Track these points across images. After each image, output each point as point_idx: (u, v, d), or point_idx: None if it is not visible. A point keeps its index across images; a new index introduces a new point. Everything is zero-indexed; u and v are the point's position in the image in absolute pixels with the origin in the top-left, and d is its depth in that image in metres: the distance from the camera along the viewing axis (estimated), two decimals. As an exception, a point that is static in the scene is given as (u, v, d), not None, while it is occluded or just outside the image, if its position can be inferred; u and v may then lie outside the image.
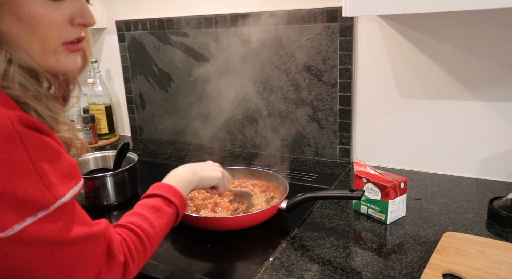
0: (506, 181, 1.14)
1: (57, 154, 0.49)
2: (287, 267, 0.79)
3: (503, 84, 1.08)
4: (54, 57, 0.54)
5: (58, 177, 0.48)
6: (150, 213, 0.67)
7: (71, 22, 0.54)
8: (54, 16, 0.52)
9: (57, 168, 0.48)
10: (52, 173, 0.47)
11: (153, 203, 0.69)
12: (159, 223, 0.66)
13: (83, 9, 0.55)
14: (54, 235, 0.47)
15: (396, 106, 1.23)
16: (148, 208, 0.68)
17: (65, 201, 0.48)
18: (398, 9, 0.87)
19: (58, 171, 0.48)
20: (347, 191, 0.90)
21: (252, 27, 1.36)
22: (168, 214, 0.69)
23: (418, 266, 0.77)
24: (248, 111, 1.47)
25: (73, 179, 0.51)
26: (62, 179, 0.48)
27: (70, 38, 0.55)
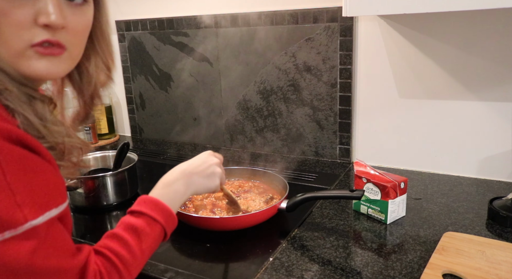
0: (506, 181, 1.14)
1: (39, 172, 0.45)
2: (287, 267, 0.79)
3: (503, 84, 1.08)
4: (25, 62, 0.49)
5: (34, 196, 0.44)
6: (131, 236, 0.60)
7: (36, 21, 0.48)
8: (14, 13, 0.46)
9: (35, 187, 0.45)
10: (27, 192, 0.43)
11: (136, 224, 0.62)
12: (140, 248, 0.60)
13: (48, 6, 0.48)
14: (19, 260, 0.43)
15: (396, 106, 1.23)
16: (130, 230, 0.61)
17: (37, 224, 0.44)
18: (398, 9, 0.87)
19: (36, 191, 0.45)
20: (347, 191, 0.90)
21: (252, 27, 1.36)
22: (152, 236, 0.62)
23: (418, 266, 0.77)
24: (248, 111, 1.47)
25: (53, 200, 0.47)
26: (39, 200, 0.45)
27: (36, 40, 0.48)
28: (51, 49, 0.50)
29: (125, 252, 0.58)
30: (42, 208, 0.45)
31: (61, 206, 0.48)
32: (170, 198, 0.69)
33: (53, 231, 0.47)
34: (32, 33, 0.48)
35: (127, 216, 0.65)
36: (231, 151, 1.53)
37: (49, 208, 0.46)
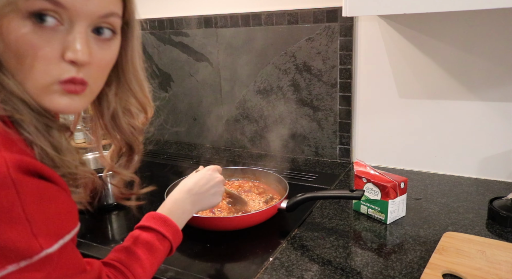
0: (506, 181, 1.14)
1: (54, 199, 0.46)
2: (287, 267, 0.78)
3: (503, 84, 1.08)
4: (48, 97, 0.48)
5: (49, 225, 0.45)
6: (142, 251, 0.63)
7: (63, 57, 0.47)
8: (43, 48, 0.46)
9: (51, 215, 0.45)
10: (43, 221, 0.44)
11: (146, 239, 0.64)
12: (150, 262, 0.63)
13: (76, 41, 0.47)
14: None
15: (396, 106, 1.23)
16: (141, 244, 0.64)
17: (52, 252, 0.44)
18: (398, 9, 0.87)
19: (51, 219, 0.45)
20: (347, 191, 0.90)
21: (252, 27, 1.36)
22: (161, 251, 0.66)
23: (418, 266, 0.77)
24: (248, 111, 1.47)
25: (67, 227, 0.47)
26: (53, 228, 0.45)
27: (63, 77, 0.47)
28: (74, 87, 0.49)
29: (138, 266, 0.61)
30: (56, 236, 0.45)
31: (73, 231, 0.48)
32: (178, 215, 0.72)
33: (66, 253, 0.47)
34: (60, 69, 0.47)
35: (136, 231, 0.67)
36: (231, 151, 1.53)
37: (63, 235, 0.46)
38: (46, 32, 0.46)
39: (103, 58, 0.52)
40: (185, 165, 1.40)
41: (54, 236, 0.45)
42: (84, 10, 0.47)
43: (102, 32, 0.51)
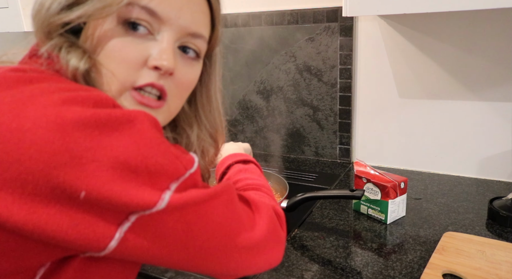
0: (506, 181, 1.14)
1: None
2: (287, 267, 0.78)
3: (503, 84, 1.08)
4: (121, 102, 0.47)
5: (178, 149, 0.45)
6: (242, 175, 0.69)
7: (146, 63, 0.47)
8: (127, 52, 0.46)
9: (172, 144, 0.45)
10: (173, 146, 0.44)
11: (235, 170, 0.71)
12: (255, 174, 0.70)
13: (162, 51, 0.47)
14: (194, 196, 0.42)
15: (396, 106, 1.23)
16: (235, 175, 0.70)
17: (192, 172, 0.43)
18: (398, 9, 0.87)
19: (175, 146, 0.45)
20: (347, 191, 0.90)
21: (252, 27, 1.36)
22: (253, 167, 0.73)
23: (418, 266, 0.77)
24: (248, 111, 1.47)
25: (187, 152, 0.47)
26: (182, 152, 0.45)
27: (140, 82, 0.47)
28: (149, 100, 0.48)
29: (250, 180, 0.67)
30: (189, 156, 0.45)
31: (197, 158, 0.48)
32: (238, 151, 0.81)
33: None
34: (138, 74, 0.47)
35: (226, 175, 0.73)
36: (231, 151, 1.53)
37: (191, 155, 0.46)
38: (136, 38, 0.47)
39: (186, 74, 0.52)
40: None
41: (189, 158, 0.44)
42: (177, 23, 0.48)
43: (188, 51, 0.51)
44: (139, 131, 0.39)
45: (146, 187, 0.38)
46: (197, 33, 0.51)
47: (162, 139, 0.41)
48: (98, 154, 0.36)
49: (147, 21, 0.47)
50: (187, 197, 0.41)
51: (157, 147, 0.40)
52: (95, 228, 0.37)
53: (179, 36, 0.49)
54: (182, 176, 0.42)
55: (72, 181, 0.35)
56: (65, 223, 0.36)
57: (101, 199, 0.36)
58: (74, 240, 0.37)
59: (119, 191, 0.37)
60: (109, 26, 0.46)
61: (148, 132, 0.40)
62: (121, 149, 0.37)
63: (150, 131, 0.40)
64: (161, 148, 0.40)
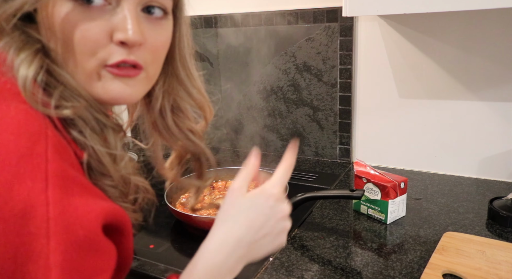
0: (506, 181, 1.14)
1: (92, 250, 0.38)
2: (287, 267, 0.78)
3: (503, 84, 1.08)
4: (98, 83, 0.44)
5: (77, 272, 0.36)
6: None
7: (111, 38, 0.43)
8: (89, 29, 0.42)
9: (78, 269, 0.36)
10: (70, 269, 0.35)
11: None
12: None
13: (125, 20, 0.43)
14: None
15: (396, 106, 1.23)
16: None
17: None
18: (398, 9, 0.87)
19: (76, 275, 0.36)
20: (347, 191, 0.90)
21: (252, 27, 1.36)
22: None
23: (418, 266, 0.77)
24: (248, 111, 1.47)
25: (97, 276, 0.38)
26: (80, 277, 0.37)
27: (111, 61, 0.43)
28: (127, 70, 0.45)
29: None
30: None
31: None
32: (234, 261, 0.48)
33: None
34: (107, 52, 0.43)
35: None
36: (231, 151, 1.53)
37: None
38: (92, 12, 0.42)
39: (157, 38, 0.47)
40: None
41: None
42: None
43: (153, 11, 0.46)
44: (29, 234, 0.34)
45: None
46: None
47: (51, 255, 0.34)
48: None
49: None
50: None
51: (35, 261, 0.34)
52: None
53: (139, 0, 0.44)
54: None
55: None
56: None
57: None
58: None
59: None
60: (61, 6, 0.41)
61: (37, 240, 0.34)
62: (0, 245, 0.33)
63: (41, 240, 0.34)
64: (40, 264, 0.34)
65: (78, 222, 0.36)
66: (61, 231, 0.35)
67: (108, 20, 0.43)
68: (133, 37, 0.43)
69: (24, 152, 0.35)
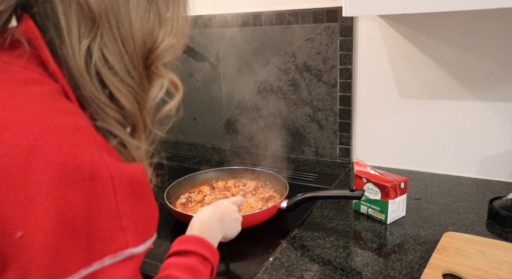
0: (506, 181, 1.14)
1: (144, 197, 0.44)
2: (287, 267, 0.78)
3: (503, 84, 1.08)
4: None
5: (137, 222, 0.42)
6: (189, 276, 0.57)
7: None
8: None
9: (139, 212, 0.43)
10: (132, 216, 0.42)
11: (189, 263, 0.59)
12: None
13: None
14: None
15: (396, 106, 1.23)
16: (185, 269, 0.58)
17: (136, 253, 0.42)
18: (398, 9, 0.87)
19: (140, 216, 0.43)
20: (347, 191, 0.90)
21: (252, 27, 1.36)
22: (206, 275, 0.60)
23: (418, 266, 0.77)
24: (248, 111, 1.47)
25: (151, 230, 0.45)
26: (140, 226, 0.43)
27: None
28: None
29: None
30: (142, 236, 0.43)
31: (153, 237, 0.46)
32: (210, 235, 0.67)
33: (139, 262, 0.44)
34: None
35: (174, 257, 0.61)
36: (231, 151, 1.53)
37: (148, 237, 0.44)
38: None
39: None
40: (185, 165, 1.40)
41: (141, 236, 0.43)
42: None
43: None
44: (97, 193, 0.39)
45: (79, 250, 0.38)
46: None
47: (119, 206, 0.40)
48: (49, 202, 0.37)
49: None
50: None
51: (106, 213, 0.39)
52: (3, 275, 0.37)
53: None
54: (120, 252, 0.40)
55: (16, 218, 0.36)
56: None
57: (30, 247, 0.36)
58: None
59: (49, 246, 0.37)
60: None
61: (105, 197, 0.39)
62: (71, 205, 0.37)
63: (108, 197, 0.39)
64: (110, 215, 0.40)
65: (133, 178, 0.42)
66: (123, 187, 0.41)
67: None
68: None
69: (75, 126, 0.40)
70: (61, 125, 0.39)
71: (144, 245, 0.43)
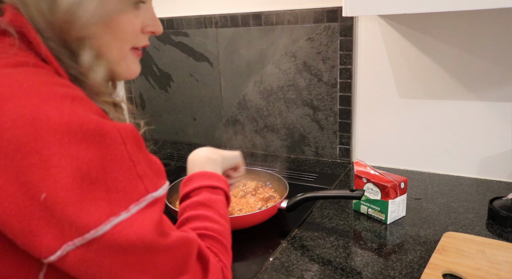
0: (506, 181, 1.14)
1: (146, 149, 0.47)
2: (287, 267, 0.78)
3: (503, 84, 1.08)
4: (124, 63, 0.55)
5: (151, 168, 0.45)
6: (205, 210, 0.61)
7: (142, 29, 0.56)
8: (135, 23, 0.54)
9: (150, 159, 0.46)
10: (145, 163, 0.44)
11: (201, 199, 0.63)
12: (219, 214, 0.62)
13: (154, 17, 0.58)
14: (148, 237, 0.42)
15: (396, 106, 1.23)
16: (199, 206, 0.62)
17: (157, 197, 0.44)
18: (398, 9, 0.87)
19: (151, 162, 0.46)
20: (347, 191, 0.90)
21: (252, 27, 1.36)
22: (221, 201, 0.64)
23: (418, 266, 0.77)
24: (248, 111, 1.47)
25: (162, 176, 0.48)
26: (154, 171, 0.46)
27: (140, 44, 0.57)
28: (141, 52, 0.58)
29: (213, 224, 0.60)
30: (158, 182, 0.46)
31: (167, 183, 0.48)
32: (210, 166, 0.70)
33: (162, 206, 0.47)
34: (137, 39, 0.55)
35: (185, 201, 0.64)
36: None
37: (163, 182, 0.47)
38: (136, 11, 0.54)
39: None
40: (185, 165, 1.40)
41: (157, 180, 0.45)
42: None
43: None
44: (107, 146, 0.41)
45: (101, 201, 0.40)
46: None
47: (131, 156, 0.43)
48: (63, 161, 0.39)
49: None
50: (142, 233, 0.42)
51: (120, 164, 0.42)
52: (42, 239, 0.38)
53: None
54: (143, 198, 0.43)
55: (37, 181, 0.38)
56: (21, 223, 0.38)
57: (56, 206, 0.38)
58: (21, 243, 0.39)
59: (73, 201, 0.38)
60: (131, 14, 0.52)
61: (116, 148, 0.41)
62: (85, 160, 0.39)
63: (119, 147, 0.42)
64: (125, 165, 0.42)
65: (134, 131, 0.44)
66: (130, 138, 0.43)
67: (143, 16, 0.55)
68: (161, 29, 0.59)
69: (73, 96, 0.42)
70: (59, 95, 0.41)
71: (163, 189, 0.46)
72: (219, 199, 0.64)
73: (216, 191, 0.65)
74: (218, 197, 0.64)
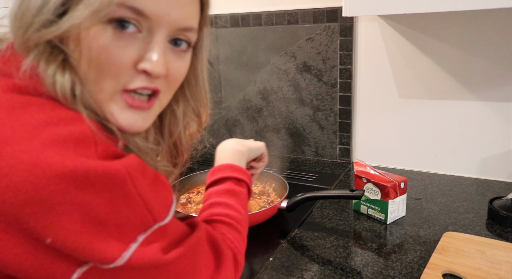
0: (506, 181, 1.14)
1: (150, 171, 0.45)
2: (287, 267, 0.78)
3: (503, 84, 1.08)
4: (108, 108, 0.45)
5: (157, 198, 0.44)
6: (229, 198, 0.64)
7: (135, 66, 0.44)
8: (117, 52, 0.43)
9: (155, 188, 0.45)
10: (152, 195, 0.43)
11: (226, 188, 0.66)
12: (241, 204, 0.65)
13: (154, 54, 0.45)
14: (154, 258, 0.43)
15: (396, 106, 1.23)
16: (223, 194, 0.65)
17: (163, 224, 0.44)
18: (398, 9, 0.87)
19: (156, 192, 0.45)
20: (347, 191, 0.90)
21: (252, 27, 1.36)
22: (243, 193, 0.68)
23: (418, 266, 0.77)
24: (248, 111, 1.47)
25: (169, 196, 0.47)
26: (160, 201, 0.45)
27: (131, 86, 0.45)
28: (140, 103, 0.46)
29: (233, 212, 0.63)
30: (166, 205, 0.46)
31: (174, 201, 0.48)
32: (236, 159, 0.73)
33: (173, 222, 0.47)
34: (128, 77, 0.44)
35: (211, 188, 0.68)
36: (231, 151, 1.53)
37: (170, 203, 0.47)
38: (124, 38, 0.43)
39: (179, 69, 0.50)
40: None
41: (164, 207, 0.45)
42: (166, 20, 0.45)
43: (179, 43, 0.49)
44: (116, 188, 0.40)
45: (112, 240, 0.39)
46: (188, 27, 0.48)
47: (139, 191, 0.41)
48: (70, 209, 0.37)
49: (135, 19, 0.43)
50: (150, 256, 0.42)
51: (130, 202, 0.41)
52: (56, 269, 0.38)
53: (168, 32, 0.46)
54: (149, 228, 0.42)
55: (41, 229, 0.37)
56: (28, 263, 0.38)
57: (65, 248, 0.38)
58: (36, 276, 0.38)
59: (83, 244, 0.38)
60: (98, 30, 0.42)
61: (124, 188, 0.40)
62: (93, 205, 0.38)
63: (127, 187, 0.40)
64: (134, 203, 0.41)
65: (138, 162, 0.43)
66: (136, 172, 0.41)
67: (137, 48, 0.44)
68: (158, 70, 0.45)
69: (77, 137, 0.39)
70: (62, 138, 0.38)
71: (170, 214, 0.46)
72: (242, 191, 0.68)
73: (240, 183, 0.69)
74: (241, 189, 0.68)
